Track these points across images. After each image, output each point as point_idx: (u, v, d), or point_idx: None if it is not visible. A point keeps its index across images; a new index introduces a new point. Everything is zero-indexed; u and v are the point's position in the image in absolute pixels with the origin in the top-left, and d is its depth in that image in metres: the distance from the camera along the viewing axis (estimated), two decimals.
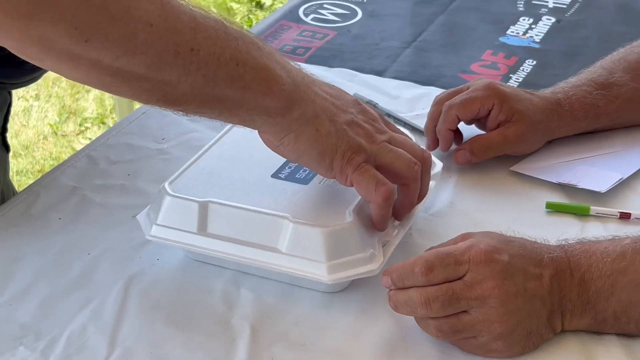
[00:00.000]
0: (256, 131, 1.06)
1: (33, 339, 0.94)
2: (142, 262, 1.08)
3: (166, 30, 0.91)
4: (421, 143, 1.25)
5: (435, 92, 1.40)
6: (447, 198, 1.18)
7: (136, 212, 1.11)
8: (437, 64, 1.60)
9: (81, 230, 1.13)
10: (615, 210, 1.11)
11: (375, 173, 1.00)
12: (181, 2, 0.95)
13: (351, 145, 1.00)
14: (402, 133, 1.13)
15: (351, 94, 1.30)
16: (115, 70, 0.90)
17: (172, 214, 1.04)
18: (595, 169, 1.23)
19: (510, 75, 1.53)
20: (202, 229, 1.03)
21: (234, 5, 3.85)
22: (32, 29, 0.86)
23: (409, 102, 1.45)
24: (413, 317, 0.93)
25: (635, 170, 1.22)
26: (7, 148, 1.42)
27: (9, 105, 1.42)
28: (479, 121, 1.28)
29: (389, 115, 1.37)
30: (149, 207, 1.08)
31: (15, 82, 1.36)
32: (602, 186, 1.16)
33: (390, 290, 0.91)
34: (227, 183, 1.08)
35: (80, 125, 3.04)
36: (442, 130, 1.27)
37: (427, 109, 1.35)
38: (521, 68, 1.55)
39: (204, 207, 1.02)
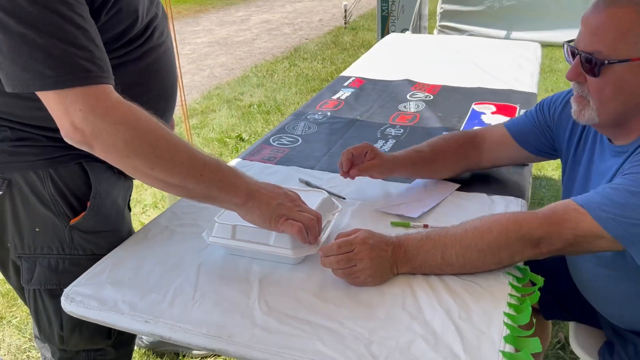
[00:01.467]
0: None
1: (157, 290, 1.08)
2: (205, 255, 1.19)
3: (189, 166, 1.06)
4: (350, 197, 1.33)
5: (341, 178, 1.46)
6: (346, 221, 1.30)
7: (199, 234, 1.21)
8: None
9: (173, 244, 1.24)
10: (421, 224, 1.27)
11: (291, 221, 1.11)
12: (197, 150, 1.09)
13: (278, 214, 1.11)
14: (309, 208, 1.19)
15: (298, 178, 1.52)
16: (163, 181, 1.06)
17: (219, 231, 1.17)
18: (412, 207, 1.35)
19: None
20: (233, 237, 1.16)
21: (227, 140, 3.90)
22: (129, 162, 1.03)
23: (327, 181, 1.51)
24: (331, 269, 1.09)
25: (429, 208, 1.35)
26: (129, 209, 1.43)
27: (131, 190, 1.45)
28: (361, 157, 1.38)
29: (318, 187, 1.46)
30: (206, 230, 1.19)
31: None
32: (415, 214, 1.31)
33: (322, 257, 1.08)
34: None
35: (142, 208, 3.07)
36: (344, 159, 1.37)
37: (337, 185, 1.47)
38: None
39: (234, 227, 1.15)
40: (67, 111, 0.96)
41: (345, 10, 7.73)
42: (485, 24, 6.08)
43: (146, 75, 1.22)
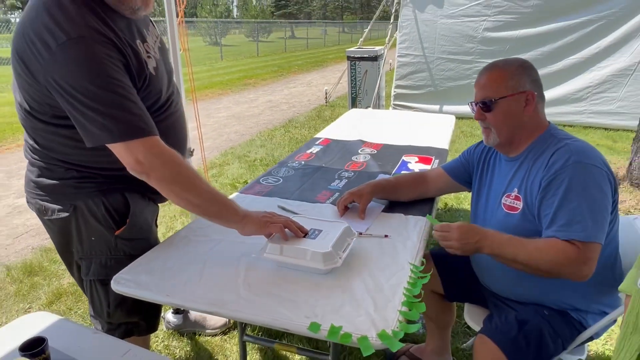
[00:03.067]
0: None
1: (175, 276, 1.12)
2: (209, 256, 1.21)
3: (209, 193, 1.14)
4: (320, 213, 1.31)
5: (308, 204, 1.57)
6: (358, 246, 1.18)
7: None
8: (307, 195, 1.67)
9: (189, 248, 1.27)
10: (356, 233, 1.28)
11: (273, 224, 1.17)
12: (212, 187, 1.16)
13: (265, 222, 1.18)
14: (283, 216, 1.22)
15: (277, 205, 1.52)
16: (191, 202, 1.13)
17: (271, 249, 1.16)
18: (358, 224, 1.38)
19: (331, 198, 1.61)
20: (281, 254, 1.15)
21: (237, 184, 3.83)
22: (171, 187, 1.10)
23: (297, 207, 1.54)
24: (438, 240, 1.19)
25: (370, 224, 1.39)
26: (156, 225, 1.41)
27: (157, 211, 1.42)
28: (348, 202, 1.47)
29: (291, 211, 1.47)
30: (260, 249, 1.18)
31: (163, 199, 1.32)
32: (362, 229, 1.37)
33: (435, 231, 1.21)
34: (289, 239, 1.18)
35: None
36: (340, 208, 1.47)
37: (305, 209, 1.50)
38: (334, 196, 1.63)
39: (281, 247, 1.15)
40: (132, 154, 1.05)
41: (326, 93, 7.96)
42: (425, 102, 6.32)
43: (167, 132, 1.26)
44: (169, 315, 2.03)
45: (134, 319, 1.34)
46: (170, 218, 3.25)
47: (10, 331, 1.01)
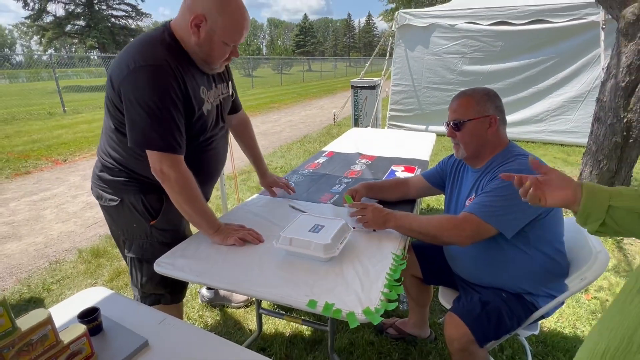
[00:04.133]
0: (303, 220, 1.22)
1: (204, 261, 1.10)
2: (232, 247, 1.19)
3: (201, 208, 1.15)
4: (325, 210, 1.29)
5: (314, 204, 1.51)
6: (352, 239, 1.19)
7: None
8: (313, 196, 1.62)
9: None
10: (352, 228, 1.24)
11: (231, 237, 1.16)
12: (205, 203, 1.15)
13: (226, 236, 1.18)
14: (245, 228, 1.21)
15: (288, 204, 1.49)
16: (184, 209, 1.14)
17: (282, 241, 1.14)
18: (353, 220, 1.33)
19: (332, 199, 1.58)
20: (290, 244, 1.13)
21: (261, 187, 3.93)
22: (174, 196, 1.12)
23: (304, 206, 1.49)
24: (353, 215, 1.24)
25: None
26: None
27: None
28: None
29: (302, 210, 1.41)
30: (275, 239, 1.16)
31: None
32: (357, 226, 1.31)
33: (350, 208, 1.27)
34: (297, 232, 1.16)
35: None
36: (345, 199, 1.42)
37: (310, 208, 1.46)
38: (335, 197, 1.60)
39: (291, 239, 1.13)
40: (160, 162, 1.08)
41: (334, 115, 7.95)
42: (414, 122, 6.27)
43: (204, 160, 1.28)
44: (203, 291, 2.04)
45: (160, 291, 1.34)
46: None
47: (72, 302, 1.03)
